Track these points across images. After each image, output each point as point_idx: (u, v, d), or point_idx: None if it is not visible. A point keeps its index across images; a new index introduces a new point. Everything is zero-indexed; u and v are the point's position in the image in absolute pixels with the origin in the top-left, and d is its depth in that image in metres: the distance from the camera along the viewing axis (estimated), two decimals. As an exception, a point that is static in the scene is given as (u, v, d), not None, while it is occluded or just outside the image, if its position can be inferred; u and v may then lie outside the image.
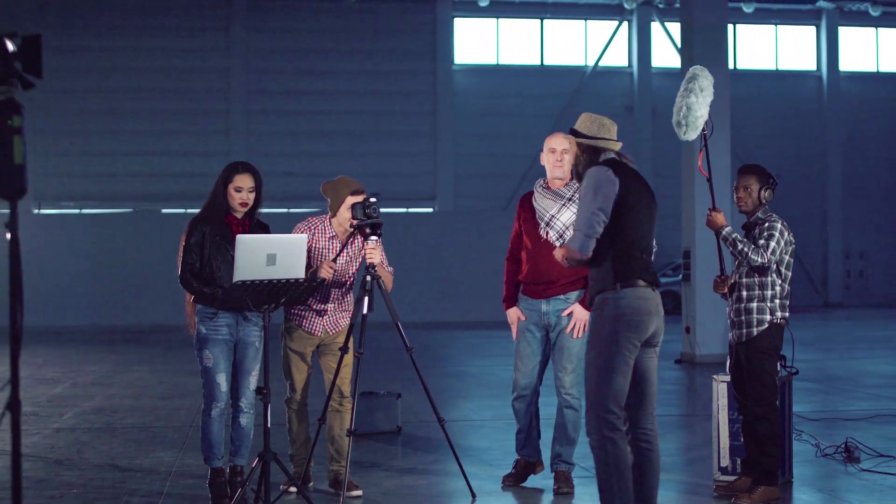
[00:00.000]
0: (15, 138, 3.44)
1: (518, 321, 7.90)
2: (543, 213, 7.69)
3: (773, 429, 7.47)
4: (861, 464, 8.62)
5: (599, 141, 6.10)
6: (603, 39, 36.37)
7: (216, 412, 7.35)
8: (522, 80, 35.71)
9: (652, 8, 36.05)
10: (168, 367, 17.06)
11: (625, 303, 5.86)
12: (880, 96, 37.45)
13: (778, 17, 36.87)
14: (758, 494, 7.34)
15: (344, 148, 33.54)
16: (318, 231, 7.81)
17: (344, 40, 34.28)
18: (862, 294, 37.11)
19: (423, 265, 28.73)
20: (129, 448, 9.62)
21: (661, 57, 36.49)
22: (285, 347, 7.81)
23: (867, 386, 13.91)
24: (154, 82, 32.93)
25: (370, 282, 7.49)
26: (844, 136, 37.30)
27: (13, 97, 3.50)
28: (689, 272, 17.30)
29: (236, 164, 7.54)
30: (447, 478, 8.36)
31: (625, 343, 5.84)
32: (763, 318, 7.48)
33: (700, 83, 7.42)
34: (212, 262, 7.31)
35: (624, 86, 36.41)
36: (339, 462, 7.82)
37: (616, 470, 5.85)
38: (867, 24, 37.48)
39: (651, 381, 6.07)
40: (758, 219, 7.62)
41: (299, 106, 33.88)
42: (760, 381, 7.47)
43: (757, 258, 7.39)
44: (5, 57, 3.50)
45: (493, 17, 35.88)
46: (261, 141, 33.51)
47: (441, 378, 14.83)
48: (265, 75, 34.03)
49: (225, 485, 7.47)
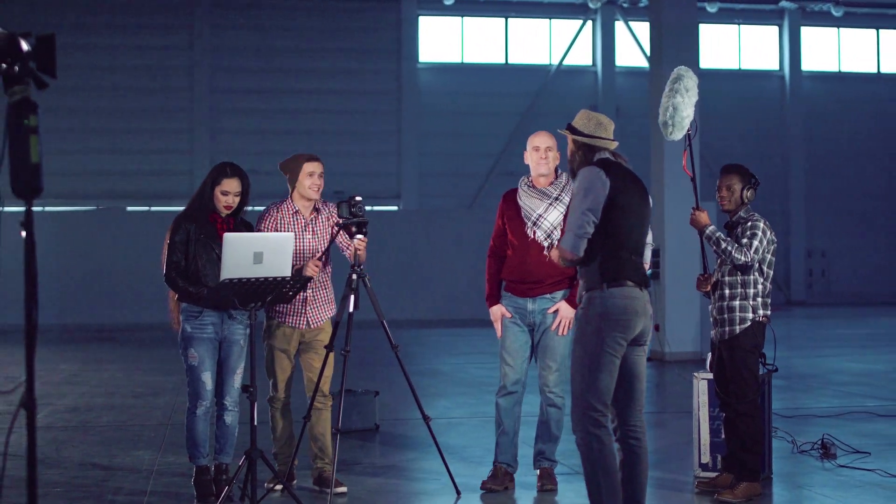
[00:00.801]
0: (31, 137, 3.45)
1: (502, 318, 7.92)
2: (530, 212, 7.72)
3: (756, 426, 7.56)
4: (837, 460, 8.72)
5: (595, 140, 6.15)
6: (567, 38, 36.47)
7: (201, 410, 7.36)
8: (487, 79, 35.75)
9: (616, 7, 36.17)
10: (138, 366, 17.02)
11: (611, 302, 5.91)
12: (842, 96, 37.75)
13: (741, 16, 37.09)
14: (740, 490, 7.42)
15: (308, 146, 33.36)
16: (280, 211, 7.85)
17: (308, 38, 34.23)
18: (824, 293, 37.38)
19: (388, 263, 28.72)
20: (107, 447, 9.61)
21: (626, 56, 36.62)
22: (268, 346, 7.81)
23: (836, 383, 14.05)
24: (118, 80, 32.77)
25: (356, 280, 7.52)
26: (806, 136, 37.58)
27: (28, 96, 3.52)
28: (658, 270, 17.40)
29: (224, 167, 7.52)
30: (430, 475, 8.40)
31: (610, 342, 5.88)
32: (746, 316, 7.56)
33: (685, 83, 7.49)
34: (197, 261, 7.32)
35: (588, 85, 36.51)
36: (322, 460, 7.85)
37: (602, 466, 5.90)
38: (829, 25, 37.76)
39: (639, 378, 6.13)
40: (740, 218, 7.70)
41: (263, 104, 33.79)
42: (743, 379, 7.55)
43: (741, 257, 7.47)
44: (20, 56, 3.52)
45: (458, 15, 35.91)
46: (225, 139, 33.40)
47: (413, 376, 14.78)
48: (229, 73, 33.92)
49: (210, 483, 7.48)
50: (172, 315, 7.64)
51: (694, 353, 17.15)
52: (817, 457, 8.90)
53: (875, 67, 38.71)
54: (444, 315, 28.39)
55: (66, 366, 16.93)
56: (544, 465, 7.86)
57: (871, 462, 8.65)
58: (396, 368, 8.01)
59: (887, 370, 15.93)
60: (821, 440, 9.10)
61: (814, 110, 37.63)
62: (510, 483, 7.89)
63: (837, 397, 12.65)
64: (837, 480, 8.05)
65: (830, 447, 8.96)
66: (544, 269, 7.66)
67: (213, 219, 7.46)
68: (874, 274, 37.06)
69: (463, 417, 11.42)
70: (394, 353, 7.90)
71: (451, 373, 15.80)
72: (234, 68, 33.88)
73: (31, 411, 3.51)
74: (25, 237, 3.51)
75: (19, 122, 3.46)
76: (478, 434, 10.19)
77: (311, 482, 7.90)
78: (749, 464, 7.50)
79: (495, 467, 7.91)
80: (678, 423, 10.90)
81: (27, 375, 3.51)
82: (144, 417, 11.36)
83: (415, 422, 11.08)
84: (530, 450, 8.06)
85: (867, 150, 37.81)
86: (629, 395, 6.10)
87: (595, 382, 5.88)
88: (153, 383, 14.42)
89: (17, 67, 3.52)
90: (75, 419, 11.27)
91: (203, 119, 33.61)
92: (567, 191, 7.74)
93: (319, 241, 7.83)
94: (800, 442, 9.27)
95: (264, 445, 7.55)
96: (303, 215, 7.84)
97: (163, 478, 8.23)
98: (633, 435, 6.13)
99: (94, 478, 8.25)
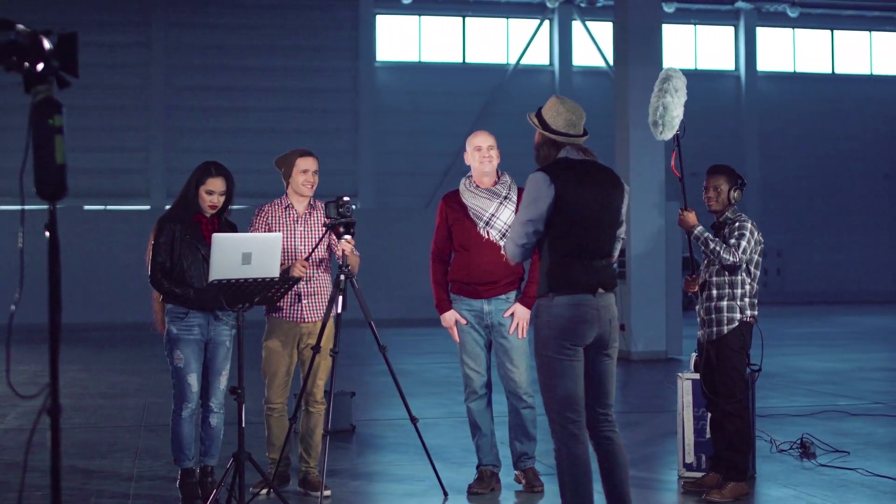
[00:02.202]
0: (56, 138, 3.39)
1: (456, 323, 7.84)
2: (481, 212, 7.64)
3: (743, 426, 7.59)
4: (817, 459, 8.76)
5: (562, 136, 5.95)
6: (524, 38, 36.54)
7: (187, 413, 7.29)
8: (444, 78, 35.77)
9: (573, 7, 36.27)
10: (101, 367, 16.88)
11: (557, 311, 5.77)
12: (797, 96, 38.07)
13: (697, 17, 37.30)
14: (728, 490, 7.43)
15: (265, 145, 33.26)
16: (273, 206, 7.84)
17: (265, 37, 34.08)
18: (779, 292, 37.62)
19: (345, 263, 28.53)
20: (83, 449, 9.50)
21: (582, 56, 36.73)
22: (268, 349, 7.73)
23: (804, 382, 14.13)
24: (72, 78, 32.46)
25: (344, 280, 7.47)
26: (762, 136, 37.85)
27: (52, 96, 3.45)
28: (624, 270, 17.43)
29: (209, 167, 7.47)
30: (413, 477, 8.37)
31: (562, 349, 5.76)
32: (733, 316, 7.57)
33: (674, 83, 7.50)
34: (182, 262, 7.24)
35: (545, 84, 36.56)
36: (308, 463, 7.80)
37: (570, 475, 5.81)
38: (785, 25, 38.08)
39: (604, 382, 5.96)
40: (727, 218, 7.71)
41: (220, 102, 33.62)
42: (731, 379, 7.57)
43: (729, 257, 7.48)
44: (43, 55, 3.45)
45: (416, 14, 35.90)
46: (181, 137, 33.21)
47: (378, 376, 14.78)
48: (185, 71, 33.72)
49: (196, 486, 7.41)
50: (156, 317, 7.54)
51: (659, 353, 17.22)
52: (797, 456, 8.93)
53: (829, 68, 39.04)
54: (403, 315, 28.30)
55: (26, 367, 16.73)
56: (528, 464, 7.84)
57: (851, 461, 8.69)
58: (367, 369, 7.96)
59: (852, 369, 16.04)
60: (800, 440, 9.13)
61: (769, 110, 37.90)
62: (496, 484, 7.86)
63: (808, 396, 12.72)
64: (821, 480, 8.08)
65: (810, 446, 8.99)
66: (500, 270, 7.62)
67: (197, 219, 7.39)
68: (829, 273, 37.38)
69: (438, 418, 11.37)
70: (381, 354, 7.85)
71: (417, 373, 15.74)
72: (190, 66, 33.69)
73: (55, 417, 3.44)
74: (49, 239, 3.44)
75: (44, 122, 3.39)
76: (454, 434, 10.16)
77: (297, 484, 7.84)
78: (737, 464, 7.53)
79: (480, 471, 7.87)
80: (651, 422, 10.93)
81: (51, 380, 3.44)
82: (117, 419, 11.24)
83: (389, 423, 11.05)
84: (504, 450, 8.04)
85: (821, 149, 38.14)
86: (596, 398, 5.96)
87: (557, 390, 5.77)
88: (120, 384, 14.29)
89: (41, 66, 3.45)
90: (46, 421, 11.08)
91: (159, 117, 33.40)
92: (514, 190, 7.71)
93: (311, 237, 7.78)
94: (778, 441, 9.30)
95: (251, 447, 7.49)
96: (295, 210, 7.79)
97: (145, 481, 8.14)
98: (604, 435, 6.02)
99: (75, 481, 8.14)
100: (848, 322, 26.61)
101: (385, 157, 35.03)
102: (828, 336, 22.38)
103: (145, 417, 11.27)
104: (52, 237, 3.41)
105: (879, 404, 12.18)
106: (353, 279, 7.52)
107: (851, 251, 38.20)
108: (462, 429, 10.33)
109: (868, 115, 38.56)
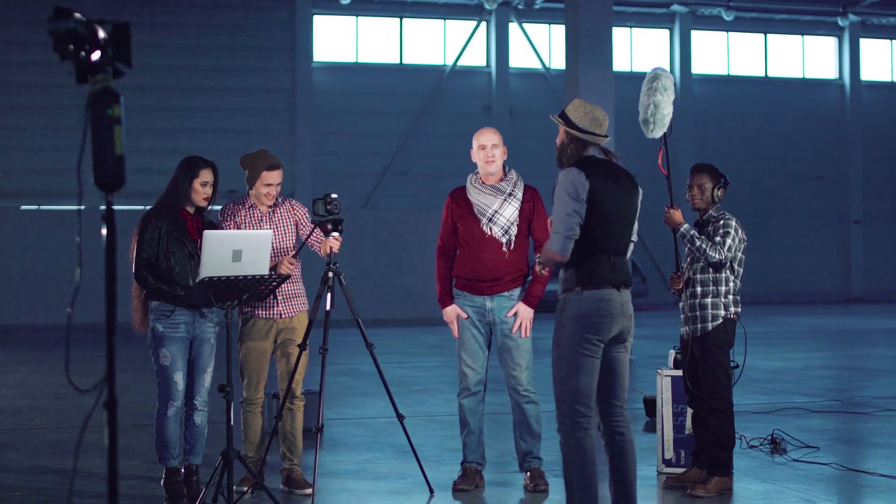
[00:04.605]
0: (115, 128, 3.35)
1: (458, 318, 7.87)
2: (484, 208, 7.66)
3: (727, 421, 7.67)
4: (788, 455, 8.87)
5: (590, 136, 6.09)
6: (461, 39, 36.54)
7: (172, 411, 7.24)
8: (381, 79, 35.67)
9: (510, 9, 36.35)
10: (48, 367, 16.67)
11: (585, 305, 5.88)
12: (730, 98, 38.39)
13: (633, 19, 37.48)
14: (712, 485, 7.51)
15: (201, 145, 32.85)
16: (237, 205, 7.79)
17: (202, 36, 33.81)
18: (713, 292, 37.88)
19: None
20: (52, 449, 9.38)
21: (519, 57, 36.83)
22: (245, 347, 7.68)
23: (757, 381, 14.27)
24: (6, 76, 32.02)
25: (332, 278, 7.45)
26: (696, 138, 38.14)
27: (109, 86, 3.41)
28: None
29: (197, 159, 7.45)
30: (394, 474, 8.39)
31: (586, 344, 5.86)
32: (717, 313, 7.66)
33: (663, 82, 7.56)
34: (169, 258, 7.18)
35: (482, 85, 36.61)
36: (291, 460, 7.76)
37: (578, 470, 5.89)
38: (720, 29, 38.42)
39: (620, 375, 6.10)
40: (711, 217, 7.80)
41: (156, 102, 33.23)
42: (715, 375, 7.66)
43: (715, 254, 7.56)
44: (98, 44, 3.41)
45: (353, 14, 35.77)
46: (117, 137, 32.79)
47: (333, 377, 14.72)
48: (122, 69, 33.34)
49: (181, 485, 7.36)
50: (135, 315, 7.43)
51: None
52: (768, 452, 9.04)
53: (763, 71, 39.47)
54: (344, 315, 28.16)
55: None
56: (534, 464, 7.83)
57: (822, 456, 8.80)
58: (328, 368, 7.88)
59: (801, 367, 16.25)
60: (770, 436, 9.24)
61: (703, 112, 38.23)
62: (480, 481, 7.87)
63: (764, 394, 12.86)
64: (798, 474, 8.19)
65: (780, 442, 9.11)
66: (501, 267, 7.65)
67: (182, 215, 7.34)
68: (761, 274, 37.74)
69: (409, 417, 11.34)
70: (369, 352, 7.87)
71: (372, 373, 15.62)
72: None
73: (112, 411, 3.40)
74: (106, 234, 3.39)
75: (102, 113, 3.35)
76: (425, 433, 10.17)
77: (280, 483, 7.80)
78: (721, 459, 7.61)
79: (465, 467, 7.88)
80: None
81: (108, 374, 3.40)
82: (77, 419, 11.09)
83: (355, 422, 11.02)
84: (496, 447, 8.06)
85: (756, 152, 38.54)
86: (610, 392, 6.09)
87: (574, 384, 5.87)
88: (71, 385, 14.09)
89: (96, 56, 3.40)
90: (7, 423, 10.99)
91: (94, 116, 32.96)
92: (519, 187, 7.74)
93: (280, 235, 7.75)
94: (748, 438, 9.40)
95: (238, 446, 7.46)
96: (259, 210, 7.76)
97: (124, 481, 8.01)
98: (616, 430, 6.13)
99: (51, 482, 8.05)
100: (785, 322, 26.93)
101: (322, 157, 34.87)
102: (771, 336, 22.60)
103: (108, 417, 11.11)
104: (110, 233, 3.36)
105: (836, 401, 12.37)
106: (341, 276, 7.50)
107: (783, 253, 38.66)
108: (430, 428, 10.38)
109: (800, 118, 39.02)
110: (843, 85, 39.97)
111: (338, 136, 35.03)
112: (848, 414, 11.32)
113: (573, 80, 17.73)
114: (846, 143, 39.70)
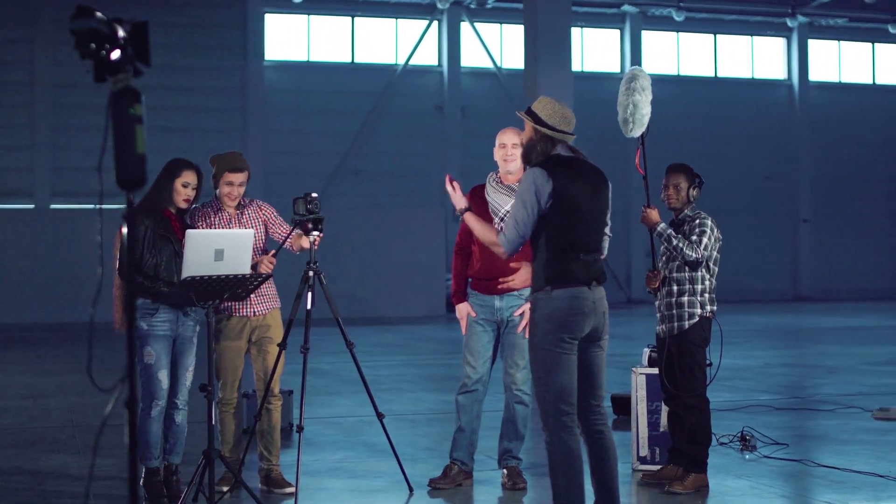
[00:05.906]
0: (137, 127, 3.35)
1: (467, 317, 7.90)
2: (497, 207, 7.67)
3: (703, 418, 7.74)
4: (759, 451, 8.97)
5: (558, 133, 6.07)
6: (413, 38, 36.56)
7: (156, 411, 7.21)
8: (333, 78, 35.63)
9: (462, 8, 36.40)
10: (8, 368, 16.54)
11: (555, 304, 5.88)
12: (680, 98, 38.61)
13: (584, 19, 37.58)
14: (689, 482, 7.58)
15: (152, 143, 32.38)
16: (208, 208, 7.80)
17: (153, 34, 32.58)
18: (665, 291, 38.11)
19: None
20: (23, 450, 9.30)
21: (471, 57, 36.90)
22: (219, 347, 7.65)
23: (719, 378, 14.21)
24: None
25: (312, 277, 7.45)
26: (648, 138, 38.29)
27: (130, 85, 3.41)
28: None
29: (180, 161, 7.49)
30: (372, 472, 8.39)
31: (558, 342, 5.86)
32: (693, 311, 7.72)
33: (641, 82, 7.63)
34: (155, 256, 7.17)
35: (434, 85, 36.67)
36: (269, 460, 7.76)
37: (563, 468, 5.91)
38: (670, 29, 38.69)
39: (596, 374, 6.10)
40: (686, 216, 7.86)
41: (103, 100, 32.90)
42: (691, 373, 7.73)
43: (692, 253, 7.62)
44: (118, 43, 3.41)
45: (305, 13, 35.71)
46: (67, 135, 32.51)
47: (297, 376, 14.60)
48: (71, 68, 33.02)
49: (161, 484, 7.33)
50: (117, 315, 7.41)
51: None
52: (738, 449, 9.13)
53: (712, 71, 39.78)
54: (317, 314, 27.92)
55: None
56: (511, 463, 7.85)
57: (792, 453, 8.91)
58: (297, 367, 7.89)
59: (760, 365, 16.40)
60: (740, 433, 9.33)
61: (653, 112, 38.12)
62: (464, 480, 7.87)
63: (727, 392, 12.95)
64: (770, 471, 8.29)
65: (750, 439, 9.20)
66: (511, 266, 7.67)
67: (167, 214, 7.34)
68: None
69: (372, 415, 11.33)
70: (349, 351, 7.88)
71: (335, 372, 15.71)
72: (77, 62, 32.93)
73: (132, 409, 3.40)
74: (127, 233, 3.39)
75: (125, 112, 3.35)
76: (398, 432, 10.14)
77: (259, 482, 7.79)
78: (698, 456, 7.68)
79: (447, 465, 7.90)
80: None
81: (128, 373, 3.40)
82: (44, 420, 11.02)
83: (324, 421, 11.00)
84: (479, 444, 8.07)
85: (707, 152, 38.76)
86: (587, 391, 6.09)
87: (553, 383, 5.88)
88: (35, 385, 14.00)
89: (116, 54, 3.40)
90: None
91: (44, 114, 32.72)
92: None
93: None
94: (718, 435, 9.48)
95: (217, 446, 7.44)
96: (227, 212, 7.76)
97: (100, 481, 7.96)
98: (595, 427, 6.15)
99: (26, 483, 7.98)
100: (739, 321, 27.14)
101: (273, 156, 34.77)
102: (727, 334, 22.65)
103: (74, 418, 11.07)
104: (130, 232, 3.35)
105: (798, 398, 12.50)
106: (321, 275, 7.50)
107: (733, 252, 38.93)
108: (401, 427, 10.39)
109: (749, 118, 39.37)
110: (792, 85, 40.41)
111: (289, 135, 34.98)
112: (810, 411, 11.46)
113: (532, 78, 17.80)
114: (795, 143, 40.13)
